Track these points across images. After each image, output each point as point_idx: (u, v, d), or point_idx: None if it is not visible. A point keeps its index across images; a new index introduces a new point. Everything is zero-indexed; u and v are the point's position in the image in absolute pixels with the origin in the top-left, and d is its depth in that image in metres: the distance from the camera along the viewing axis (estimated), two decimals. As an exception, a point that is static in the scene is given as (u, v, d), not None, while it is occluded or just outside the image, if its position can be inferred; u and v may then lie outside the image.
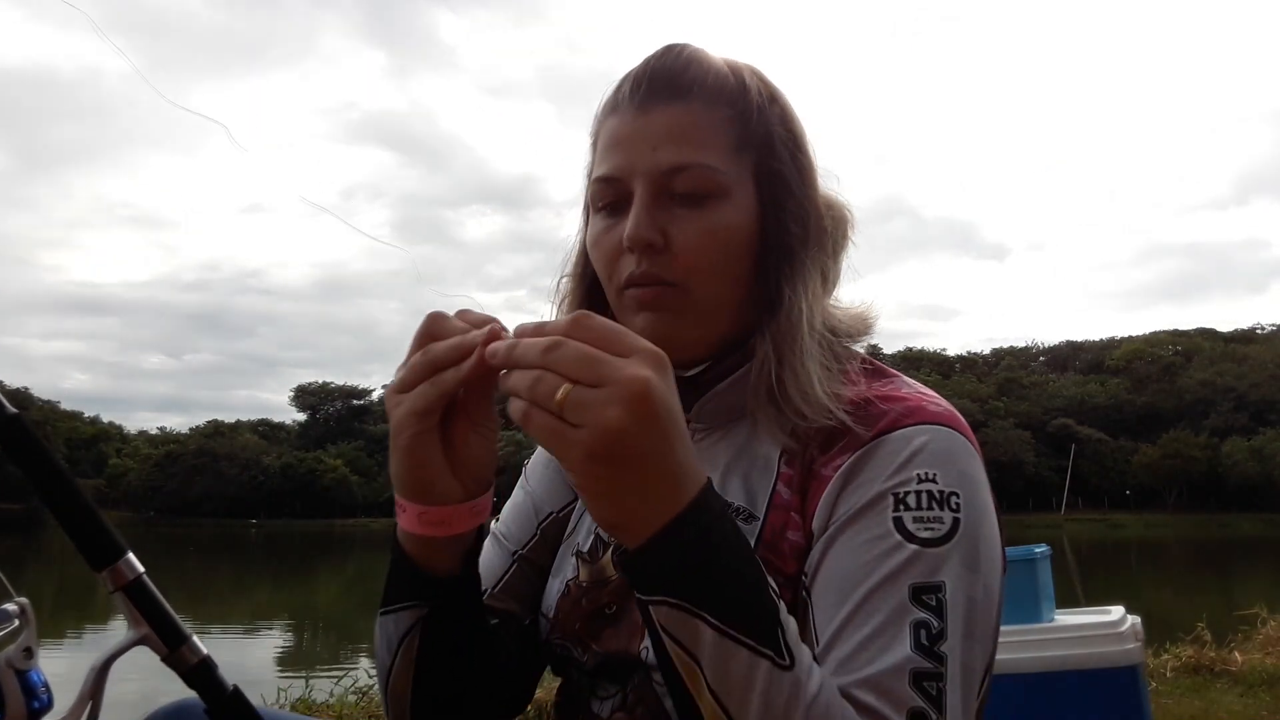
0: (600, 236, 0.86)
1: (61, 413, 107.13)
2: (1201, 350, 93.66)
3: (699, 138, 0.83)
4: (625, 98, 0.85)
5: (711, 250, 0.83)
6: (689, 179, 0.82)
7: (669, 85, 0.83)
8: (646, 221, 0.82)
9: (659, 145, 0.82)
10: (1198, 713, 4.49)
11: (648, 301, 0.84)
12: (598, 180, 0.86)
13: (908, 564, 0.72)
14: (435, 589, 0.78)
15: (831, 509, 0.77)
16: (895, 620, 0.70)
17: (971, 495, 0.76)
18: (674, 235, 0.82)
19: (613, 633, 0.86)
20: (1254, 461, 73.91)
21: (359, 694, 4.84)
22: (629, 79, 0.86)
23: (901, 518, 0.74)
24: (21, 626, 0.67)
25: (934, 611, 0.71)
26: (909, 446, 0.77)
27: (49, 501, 0.67)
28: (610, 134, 0.86)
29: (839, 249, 0.92)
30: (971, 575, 0.73)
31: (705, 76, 0.84)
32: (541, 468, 1.05)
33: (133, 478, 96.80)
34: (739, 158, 0.84)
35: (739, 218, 0.84)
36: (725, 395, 0.88)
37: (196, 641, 0.71)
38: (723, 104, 0.84)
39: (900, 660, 0.69)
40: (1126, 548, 45.74)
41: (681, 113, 0.83)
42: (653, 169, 0.82)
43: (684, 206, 0.82)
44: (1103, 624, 2.83)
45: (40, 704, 0.67)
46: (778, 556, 0.80)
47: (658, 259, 0.82)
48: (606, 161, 0.85)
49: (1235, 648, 5.79)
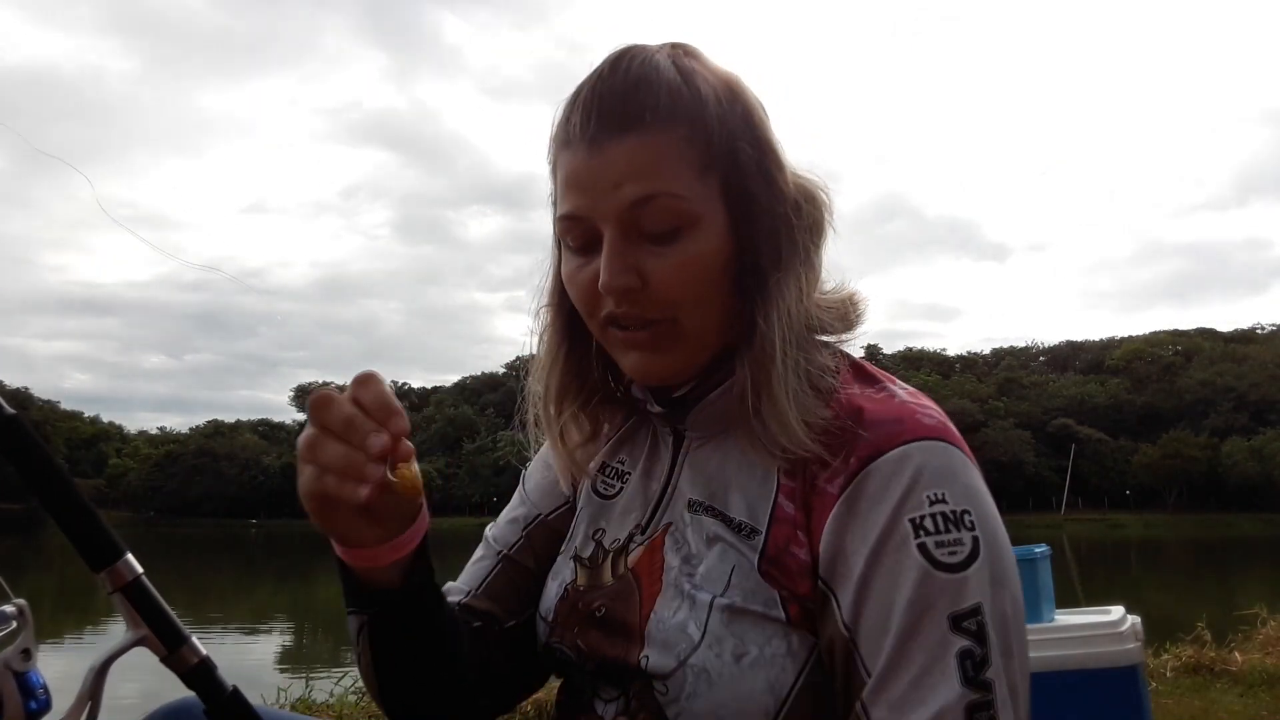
0: (574, 274, 0.84)
1: (61, 413, 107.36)
2: (1201, 350, 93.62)
3: (660, 168, 0.78)
4: (576, 132, 0.80)
5: (690, 283, 0.81)
6: (656, 210, 0.78)
7: (620, 115, 0.78)
8: (619, 266, 0.79)
9: (620, 182, 0.78)
10: (1198, 713, 4.48)
11: (637, 343, 0.83)
12: (562, 219, 0.83)
13: (940, 593, 0.72)
14: (372, 600, 0.81)
15: (840, 537, 0.76)
16: (940, 655, 0.70)
17: (981, 509, 0.75)
18: (650, 273, 0.80)
19: (601, 636, 0.86)
20: (1254, 461, 73.86)
21: (359, 694, 4.83)
22: (577, 108, 0.81)
23: (925, 544, 0.73)
24: (20, 628, 0.67)
25: (975, 638, 0.71)
26: (909, 465, 0.75)
27: (47, 503, 0.67)
28: (566, 171, 0.82)
29: (818, 241, 0.88)
30: (1000, 590, 0.73)
31: (656, 97, 0.79)
32: (538, 471, 1.05)
33: (133, 478, 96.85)
34: (704, 177, 0.80)
35: (712, 243, 0.81)
36: (717, 404, 0.87)
37: (195, 642, 0.71)
38: (680, 123, 0.79)
39: (953, 698, 0.69)
40: (1126, 548, 45.72)
41: (637, 145, 0.78)
42: (618, 208, 0.78)
43: (655, 242, 0.80)
44: (1103, 624, 2.82)
45: (38, 705, 0.67)
46: (784, 574, 0.79)
47: (638, 299, 0.81)
48: (568, 200, 0.82)
49: (1235, 648, 5.78)
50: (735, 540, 0.82)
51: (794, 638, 0.77)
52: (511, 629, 0.96)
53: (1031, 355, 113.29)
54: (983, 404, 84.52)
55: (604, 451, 0.99)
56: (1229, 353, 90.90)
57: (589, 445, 0.97)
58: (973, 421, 74.52)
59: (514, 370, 1.00)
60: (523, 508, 1.03)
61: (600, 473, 0.98)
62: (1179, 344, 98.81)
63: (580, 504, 0.98)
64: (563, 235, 0.85)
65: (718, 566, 0.81)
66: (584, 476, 0.98)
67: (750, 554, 0.80)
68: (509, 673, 0.96)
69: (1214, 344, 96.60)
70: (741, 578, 0.80)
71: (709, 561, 0.82)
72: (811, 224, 0.87)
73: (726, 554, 0.82)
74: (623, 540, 0.90)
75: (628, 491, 0.94)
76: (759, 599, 0.78)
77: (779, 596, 0.78)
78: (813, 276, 0.87)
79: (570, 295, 0.87)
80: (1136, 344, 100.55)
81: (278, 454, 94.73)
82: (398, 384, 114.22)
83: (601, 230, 0.80)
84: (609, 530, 0.93)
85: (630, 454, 0.97)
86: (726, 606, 0.78)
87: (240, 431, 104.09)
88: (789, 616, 0.77)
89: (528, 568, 0.98)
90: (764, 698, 0.75)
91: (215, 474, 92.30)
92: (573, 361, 0.93)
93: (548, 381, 0.93)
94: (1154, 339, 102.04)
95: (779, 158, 0.85)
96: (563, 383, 0.93)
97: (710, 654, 0.77)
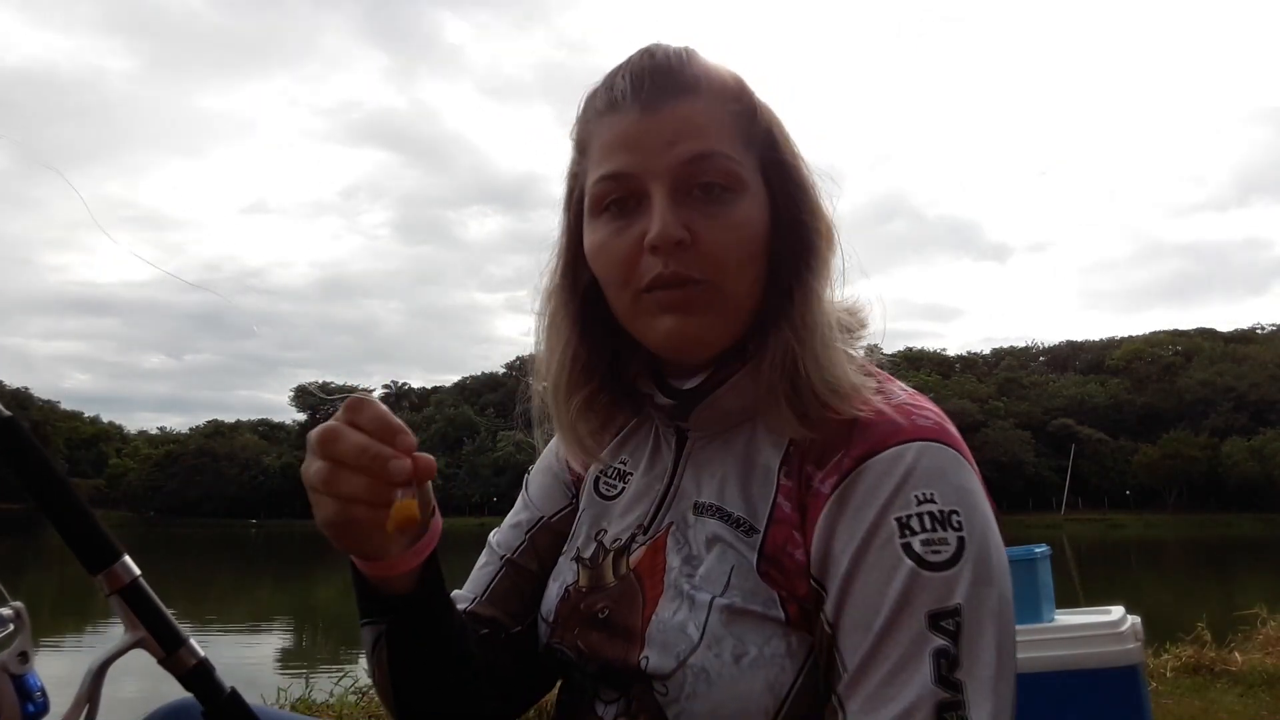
0: (609, 240, 0.83)
1: (61, 413, 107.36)
2: (1201, 350, 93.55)
3: (713, 130, 0.81)
4: (626, 97, 0.82)
5: (736, 245, 0.82)
6: (712, 168, 0.81)
7: (674, 82, 0.82)
8: (673, 219, 0.79)
9: (675, 140, 0.80)
10: (1198, 713, 4.48)
11: (676, 303, 0.82)
12: (604, 179, 0.83)
13: (921, 591, 0.72)
14: (391, 607, 0.81)
15: (830, 535, 0.77)
16: (914, 653, 0.70)
17: (970, 509, 0.75)
18: (699, 231, 0.80)
19: (603, 637, 0.86)
20: (1254, 461, 73.82)
21: (359, 694, 4.83)
22: (625, 78, 0.83)
23: (910, 543, 0.73)
24: (16, 631, 0.67)
25: (952, 637, 0.71)
26: (901, 465, 0.76)
27: (44, 505, 0.66)
28: (614, 134, 0.82)
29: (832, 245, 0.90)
30: (985, 591, 0.73)
31: (708, 72, 0.83)
32: (540, 475, 1.05)
33: (133, 478, 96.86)
34: (748, 153, 0.83)
35: (756, 213, 0.83)
36: (725, 400, 0.87)
37: (194, 644, 0.71)
38: (729, 99, 0.83)
39: (924, 695, 0.69)
40: (1126, 548, 45.72)
41: (693, 107, 0.81)
42: (673, 163, 0.80)
43: (706, 202, 0.81)
44: (1103, 624, 2.82)
45: (35, 708, 0.66)
46: (782, 574, 0.79)
47: (684, 256, 0.80)
48: (614, 159, 0.82)
49: (1235, 648, 5.78)
50: (735, 540, 0.82)
51: (793, 638, 0.77)
52: (517, 634, 0.96)
53: (1031, 355, 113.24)
54: (983, 404, 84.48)
55: (606, 452, 0.99)
56: (1229, 353, 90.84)
57: (599, 434, 0.97)
58: (973, 421, 74.47)
59: (514, 370, 1.00)
60: (525, 512, 1.03)
61: (602, 473, 0.98)
62: (1179, 344, 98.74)
63: (583, 505, 0.99)
64: (597, 199, 0.84)
65: (717, 567, 0.81)
66: (594, 462, 0.98)
67: (749, 554, 0.81)
68: (516, 677, 0.95)
69: (1214, 344, 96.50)
70: (741, 578, 0.80)
71: (708, 562, 0.82)
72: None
73: (726, 554, 0.82)
74: (624, 540, 0.90)
75: (630, 492, 0.94)
76: (758, 599, 0.78)
77: (778, 597, 0.78)
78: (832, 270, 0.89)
79: (598, 266, 0.86)
80: (1136, 344, 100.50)
81: (278, 454, 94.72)
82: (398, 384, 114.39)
83: (649, 189, 0.81)
84: (611, 530, 0.93)
85: (633, 455, 0.97)
86: (726, 607, 0.79)
87: (240, 431, 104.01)
88: (788, 616, 0.77)
89: (531, 571, 0.98)
90: (763, 698, 0.76)
91: (215, 474, 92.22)
92: (584, 350, 0.92)
93: (557, 368, 0.93)
94: (1154, 339, 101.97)
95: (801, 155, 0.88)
96: (572, 370, 0.92)
97: (710, 654, 0.77)
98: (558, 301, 0.93)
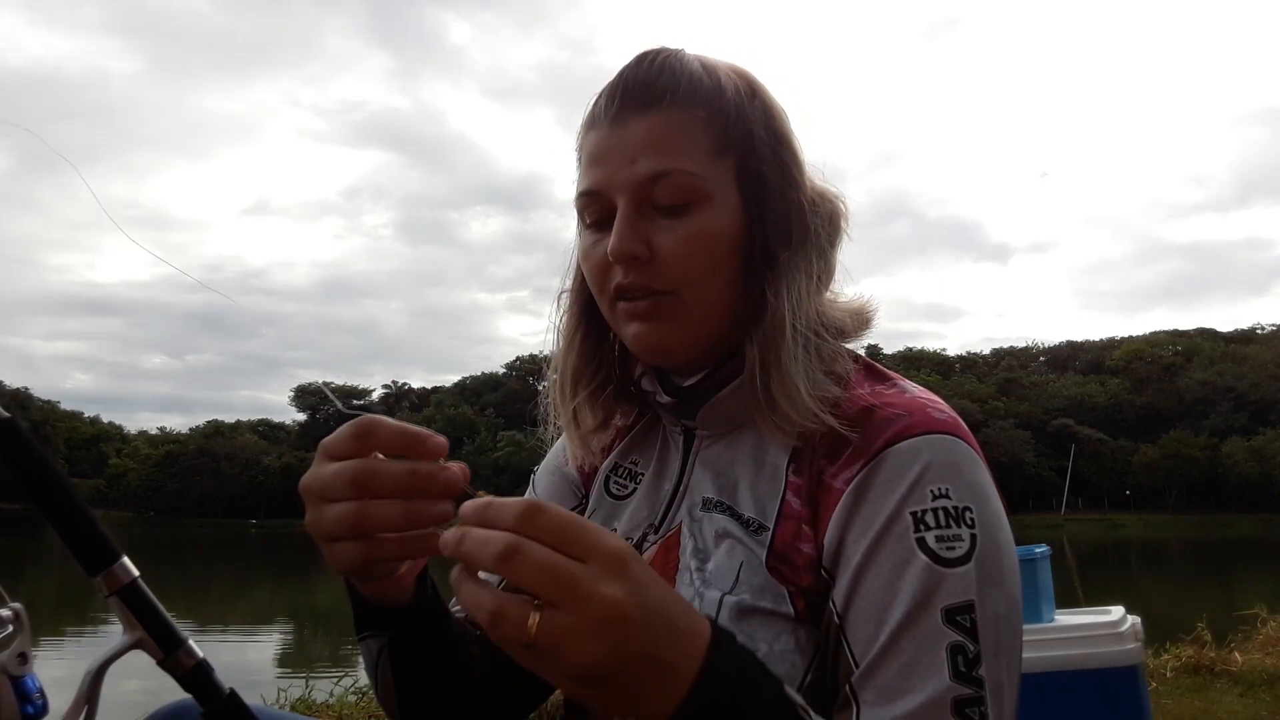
0: (589, 250, 0.87)
1: (61, 413, 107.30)
2: (1201, 350, 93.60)
3: (676, 144, 0.82)
4: (601, 112, 0.85)
5: (697, 255, 0.82)
6: (668, 186, 0.82)
7: (642, 95, 0.83)
8: (629, 234, 0.82)
9: (636, 156, 0.82)
10: (1198, 713, 4.49)
11: (640, 313, 0.84)
12: (581, 195, 0.86)
13: (936, 586, 0.72)
14: (392, 619, 0.81)
15: (844, 527, 0.77)
16: (931, 647, 0.71)
17: (983, 506, 0.76)
18: (659, 244, 0.82)
19: None
20: (1254, 461, 73.90)
21: (359, 694, 4.84)
22: (604, 93, 0.86)
23: (924, 538, 0.73)
24: (16, 632, 0.67)
25: (968, 633, 0.71)
26: (918, 460, 0.76)
27: (43, 506, 0.66)
28: (590, 149, 0.86)
29: (833, 242, 0.90)
30: (995, 589, 0.73)
31: (679, 81, 0.84)
32: (548, 473, 1.06)
33: (133, 478, 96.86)
34: (719, 160, 0.84)
35: (722, 220, 0.83)
36: (727, 403, 0.88)
37: (193, 645, 0.70)
38: (698, 106, 0.83)
39: (941, 690, 0.69)
40: (1126, 548, 45.77)
41: (656, 121, 0.82)
42: (631, 180, 0.82)
43: (666, 215, 0.82)
44: (1103, 624, 2.82)
45: (34, 709, 0.66)
46: (790, 568, 0.79)
47: (644, 269, 0.82)
48: (588, 177, 0.85)
49: (1235, 648, 5.79)
50: (744, 536, 0.83)
51: (801, 632, 0.78)
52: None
53: (1032, 355, 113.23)
54: (983, 404, 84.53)
55: (616, 453, 1.00)
56: (1229, 353, 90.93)
57: (600, 432, 0.98)
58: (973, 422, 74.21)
59: (514, 370, 1.00)
60: None
61: (612, 473, 0.99)
62: (1179, 344, 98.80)
63: (592, 505, 0.99)
64: (581, 211, 0.87)
65: (726, 563, 0.82)
66: (593, 460, 0.99)
67: (758, 550, 0.81)
68: (520, 679, 0.95)
69: (1214, 344, 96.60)
70: (750, 574, 0.80)
71: (717, 557, 0.83)
72: (829, 218, 0.89)
73: (735, 550, 0.82)
74: (635, 540, 0.91)
75: (640, 492, 0.95)
76: (768, 595, 0.79)
77: (787, 592, 0.79)
78: (826, 270, 0.89)
79: (585, 274, 0.89)
80: (1136, 344, 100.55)
81: (278, 454, 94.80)
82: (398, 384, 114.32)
83: (616, 203, 0.83)
84: (621, 530, 0.94)
85: (642, 455, 0.98)
86: (736, 604, 0.79)
87: (240, 432, 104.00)
88: (796, 611, 0.78)
89: None
90: None
91: (215, 474, 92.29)
92: (587, 347, 0.95)
93: (563, 365, 0.96)
94: (1154, 339, 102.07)
95: (796, 154, 0.88)
96: (577, 366, 0.95)
97: None
98: (569, 302, 0.96)
